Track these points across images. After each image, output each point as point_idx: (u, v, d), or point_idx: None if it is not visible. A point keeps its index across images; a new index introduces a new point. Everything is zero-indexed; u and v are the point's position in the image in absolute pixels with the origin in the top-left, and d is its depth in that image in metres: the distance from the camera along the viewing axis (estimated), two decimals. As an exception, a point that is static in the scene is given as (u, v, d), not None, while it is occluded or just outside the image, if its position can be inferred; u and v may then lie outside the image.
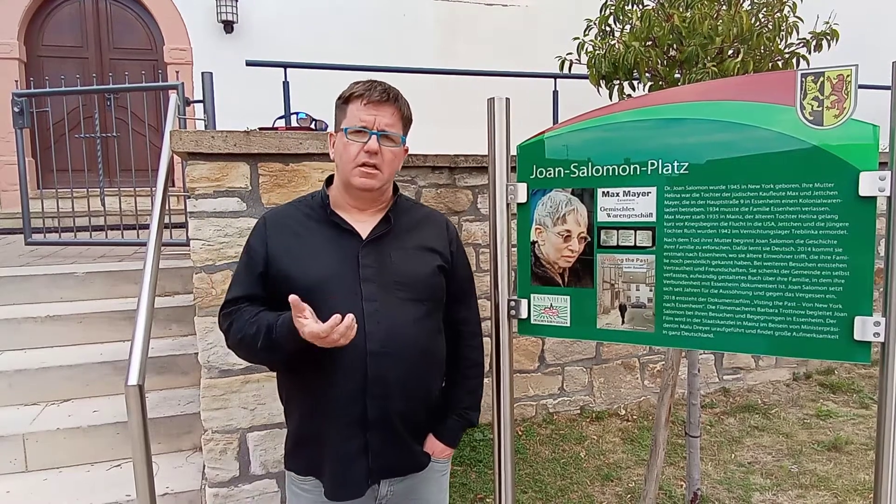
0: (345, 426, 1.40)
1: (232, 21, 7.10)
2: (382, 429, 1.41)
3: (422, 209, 1.59)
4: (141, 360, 2.00)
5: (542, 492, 3.16)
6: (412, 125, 1.53)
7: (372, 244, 1.43)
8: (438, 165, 3.83)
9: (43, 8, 6.94)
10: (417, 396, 1.46)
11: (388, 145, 1.41)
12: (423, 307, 1.44)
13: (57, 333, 3.29)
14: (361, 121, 1.39)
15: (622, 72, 2.77)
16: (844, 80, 1.31)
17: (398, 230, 1.47)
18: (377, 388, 1.38)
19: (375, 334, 1.37)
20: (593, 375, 4.27)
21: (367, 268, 1.40)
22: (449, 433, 1.56)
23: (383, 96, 1.40)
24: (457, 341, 1.59)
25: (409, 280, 1.42)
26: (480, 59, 7.02)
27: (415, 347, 1.42)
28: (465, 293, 1.62)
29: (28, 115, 4.46)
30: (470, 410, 1.60)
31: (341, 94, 1.45)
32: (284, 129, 2.47)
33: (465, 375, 1.60)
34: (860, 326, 1.33)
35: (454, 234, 1.59)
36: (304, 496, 1.50)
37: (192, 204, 2.36)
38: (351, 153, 1.39)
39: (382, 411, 1.40)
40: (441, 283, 1.50)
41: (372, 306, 1.38)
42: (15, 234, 5.50)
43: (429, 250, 1.49)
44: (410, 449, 1.49)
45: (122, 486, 2.55)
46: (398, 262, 1.43)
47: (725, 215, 1.46)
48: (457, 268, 1.57)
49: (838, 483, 3.19)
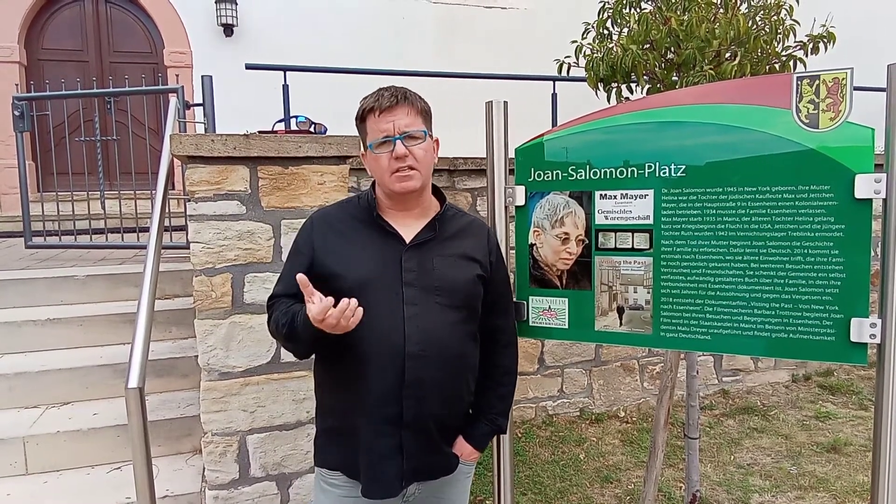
0: (381, 424, 1.43)
1: (232, 24, 7.11)
2: (417, 430, 1.44)
3: (465, 217, 1.61)
4: (141, 362, 2.01)
5: (541, 494, 3.16)
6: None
7: (415, 249, 1.46)
8: (437, 168, 3.82)
9: (43, 11, 6.96)
10: (452, 400, 1.49)
11: (414, 144, 1.42)
12: (461, 314, 1.47)
13: (57, 336, 3.29)
14: (381, 131, 1.41)
15: (620, 75, 2.78)
16: (840, 83, 1.32)
17: (441, 237, 1.50)
18: (414, 389, 1.41)
19: (414, 336, 1.40)
20: (592, 377, 4.28)
21: (410, 272, 1.43)
22: (479, 437, 1.58)
23: (392, 100, 1.41)
24: (492, 348, 1.60)
25: (448, 286, 1.45)
26: (479, 61, 7.03)
27: (451, 351, 1.45)
28: (502, 303, 1.63)
29: (28, 119, 4.47)
30: (500, 416, 1.62)
31: (356, 114, 1.48)
32: (284, 132, 2.47)
33: (498, 382, 1.61)
34: (857, 328, 1.33)
35: (495, 245, 1.61)
36: (331, 492, 1.52)
37: (191, 207, 2.37)
38: (383, 165, 1.42)
39: (418, 412, 1.42)
40: (479, 292, 1.52)
41: (412, 310, 1.41)
42: (15, 237, 5.51)
43: (469, 259, 1.51)
44: (442, 451, 1.52)
45: (123, 488, 2.55)
46: (439, 268, 1.46)
47: (722, 217, 1.47)
48: (496, 277, 1.58)
49: (837, 484, 3.20)
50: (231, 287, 2.40)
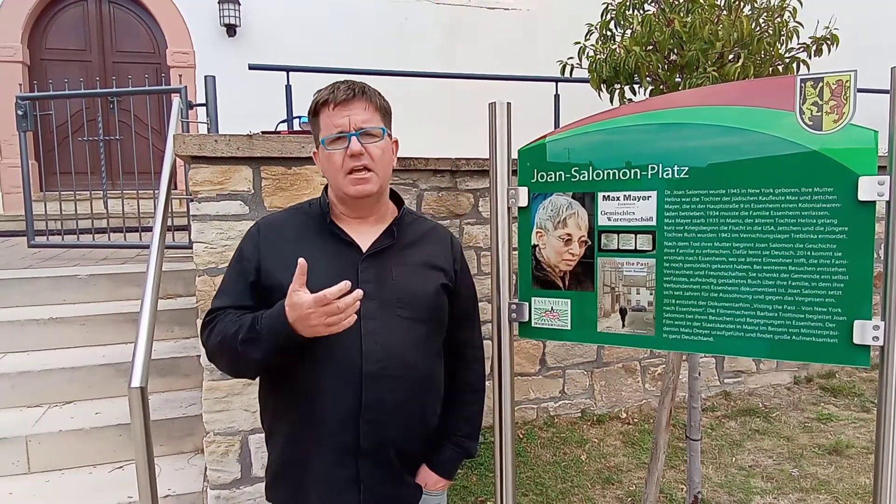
0: (335, 452, 1.29)
1: (235, 25, 7.12)
2: (376, 459, 1.31)
3: (426, 223, 1.51)
4: (144, 362, 2.01)
5: (542, 495, 3.16)
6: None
7: (372, 258, 1.34)
8: (440, 169, 3.85)
9: (46, 11, 6.98)
10: (414, 424, 1.36)
11: (371, 142, 1.31)
12: (425, 328, 1.36)
13: (60, 335, 3.30)
14: (336, 126, 1.30)
15: (623, 76, 2.78)
16: (843, 85, 1.32)
17: (401, 244, 1.39)
18: (373, 412, 1.28)
19: (373, 354, 1.28)
20: (594, 378, 4.27)
21: (367, 283, 1.29)
22: (445, 465, 1.45)
23: (349, 94, 1.30)
24: (457, 364, 1.50)
25: (410, 298, 1.34)
26: (482, 62, 7.04)
27: (415, 370, 1.33)
28: (468, 314, 1.54)
29: (31, 118, 4.48)
30: (467, 439, 1.50)
31: (309, 107, 1.37)
32: (287, 132, 2.48)
33: (464, 401, 1.50)
34: (859, 330, 1.33)
35: (459, 252, 1.51)
36: None
37: (194, 207, 2.37)
38: (336, 162, 1.30)
39: (378, 439, 1.30)
40: (444, 303, 1.42)
41: (371, 325, 1.29)
42: (18, 236, 5.52)
43: (432, 267, 1.41)
44: (404, 482, 1.39)
45: (125, 487, 2.56)
46: (400, 278, 1.34)
47: (725, 219, 1.47)
48: (460, 287, 1.48)
49: (839, 487, 3.19)
50: (234, 287, 2.40)
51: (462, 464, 1.54)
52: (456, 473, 1.51)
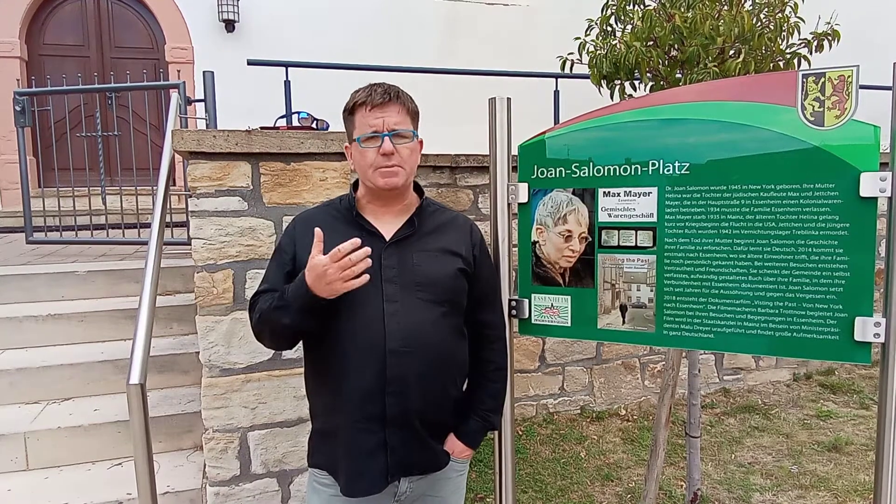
0: (363, 422, 1.43)
1: (233, 20, 7.10)
2: (401, 427, 1.44)
3: (447, 213, 1.61)
4: (142, 358, 2.00)
5: (542, 492, 3.16)
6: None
7: (395, 246, 1.47)
8: (440, 165, 3.83)
9: (44, 6, 6.95)
10: (436, 396, 1.48)
11: (402, 143, 1.44)
12: (443, 309, 1.47)
13: (58, 332, 3.29)
14: (371, 126, 1.42)
15: (623, 72, 2.77)
16: (845, 80, 1.31)
17: (421, 233, 1.50)
18: (396, 386, 1.41)
19: (395, 333, 1.41)
20: (594, 375, 4.27)
21: (389, 269, 1.44)
22: (470, 434, 1.58)
23: (385, 97, 1.43)
24: (480, 344, 1.60)
25: (429, 282, 1.46)
26: (481, 58, 7.01)
27: (433, 347, 1.45)
28: (490, 297, 1.64)
29: (29, 114, 4.47)
30: (491, 413, 1.62)
31: (345, 105, 1.49)
32: (286, 128, 2.46)
33: (488, 378, 1.62)
34: (860, 327, 1.33)
35: (479, 238, 1.60)
36: (322, 491, 1.53)
37: (193, 203, 2.36)
38: (368, 159, 1.43)
39: (401, 409, 1.43)
40: (462, 286, 1.52)
41: (393, 307, 1.42)
42: (16, 232, 5.51)
43: (451, 253, 1.51)
44: (430, 447, 1.51)
45: (123, 484, 2.55)
46: (420, 263, 1.47)
47: (726, 215, 1.46)
48: (480, 271, 1.58)
49: (838, 484, 3.19)
50: (232, 283, 2.40)
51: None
52: (479, 444, 1.63)
